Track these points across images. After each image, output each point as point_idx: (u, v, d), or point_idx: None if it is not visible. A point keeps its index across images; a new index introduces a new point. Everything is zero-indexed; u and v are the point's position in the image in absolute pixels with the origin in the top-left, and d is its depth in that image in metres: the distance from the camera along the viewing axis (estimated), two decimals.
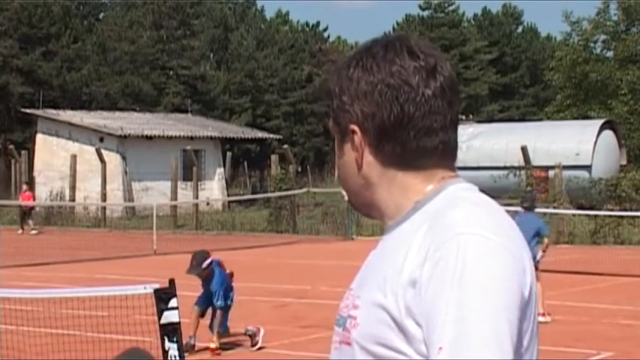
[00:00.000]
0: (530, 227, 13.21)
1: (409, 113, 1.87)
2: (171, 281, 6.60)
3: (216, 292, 11.93)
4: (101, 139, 40.97)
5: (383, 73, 1.89)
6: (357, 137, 1.90)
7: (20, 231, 33.96)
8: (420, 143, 1.88)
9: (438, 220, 1.81)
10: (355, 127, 1.91)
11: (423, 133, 1.88)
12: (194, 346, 11.58)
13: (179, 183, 38.54)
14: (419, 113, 1.87)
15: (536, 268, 13.87)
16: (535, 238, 13.57)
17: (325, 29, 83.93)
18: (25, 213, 34.75)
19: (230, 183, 47.52)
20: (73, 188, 39.21)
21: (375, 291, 1.82)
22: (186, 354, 11.25)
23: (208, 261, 12.21)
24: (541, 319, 14.14)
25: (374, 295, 1.82)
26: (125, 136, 41.07)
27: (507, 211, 1.95)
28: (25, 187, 36.39)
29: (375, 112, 1.88)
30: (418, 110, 1.87)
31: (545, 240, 14.02)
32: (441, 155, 1.91)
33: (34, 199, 35.47)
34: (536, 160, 31.39)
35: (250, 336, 12.04)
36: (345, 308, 1.92)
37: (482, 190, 1.96)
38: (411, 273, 1.77)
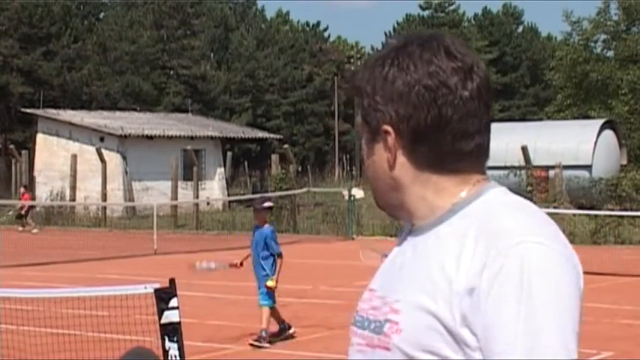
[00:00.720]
0: None
1: (446, 116, 1.83)
2: (172, 281, 6.59)
3: (273, 239, 12.24)
4: (101, 139, 40.96)
5: (420, 73, 1.84)
6: (391, 138, 1.86)
7: (21, 228, 34.00)
8: (455, 146, 1.85)
9: (490, 227, 1.78)
10: (389, 128, 1.86)
11: (459, 136, 1.85)
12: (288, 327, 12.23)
13: (179, 183, 38.54)
14: (456, 116, 1.83)
15: None
16: None
17: (325, 29, 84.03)
18: (22, 214, 34.80)
19: (230, 183, 47.52)
20: (73, 188, 39.20)
21: (422, 296, 1.78)
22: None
23: (269, 204, 12.58)
24: None
25: (420, 300, 1.78)
26: (125, 136, 41.07)
27: None
28: (22, 189, 36.44)
29: (411, 114, 1.84)
30: (456, 113, 1.83)
31: None
32: (476, 158, 1.88)
33: (32, 200, 35.55)
34: (537, 160, 31.37)
35: (261, 337, 12.08)
36: (372, 310, 1.89)
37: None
38: (467, 281, 1.74)
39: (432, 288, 1.77)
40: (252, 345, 11.99)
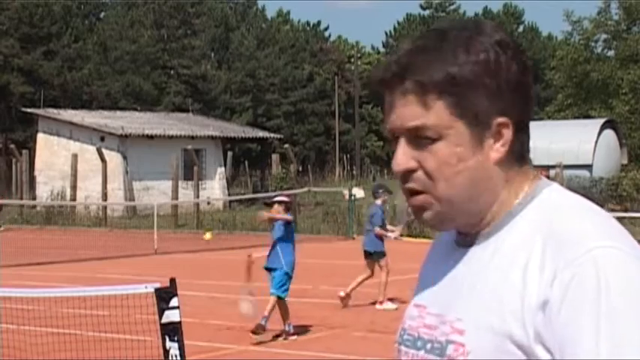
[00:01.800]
0: (374, 218, 15.00)
1: (533, 103, 1.78)
2: (172, 280, 6.59)
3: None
4: (102, 139, 40.97)
5: (524, 60, 1.75)
6: (508, 131, 1.71)
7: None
8: (529, 137, 1.79)
9: (557, 232, 1.65)
10: (507, 120, 1.71)
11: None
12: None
13: (180, 182, 38.54)
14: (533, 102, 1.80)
15: None
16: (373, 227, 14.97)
17: (326, 29, 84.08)
18: None
19: (231, 182, 47.52)
20: (73, 187, 39.21)
21: (489, 315, 1.65)
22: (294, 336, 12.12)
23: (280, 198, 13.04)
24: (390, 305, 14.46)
25: (488, 319, 1.65)
26: (126, 136, 41.07)
27: None
28: None
29: (524, 101, 1.73)
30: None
31: None
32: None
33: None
34: (537, 160, 31.31)
35: (286, 332, 12.37)
36: (426, 329, 1.76)
37: None
38: (538, 295, 1.61)
39: (499, 305, 1.65)
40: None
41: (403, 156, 1.72)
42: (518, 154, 1.74)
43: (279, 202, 12.80)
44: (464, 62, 1.68)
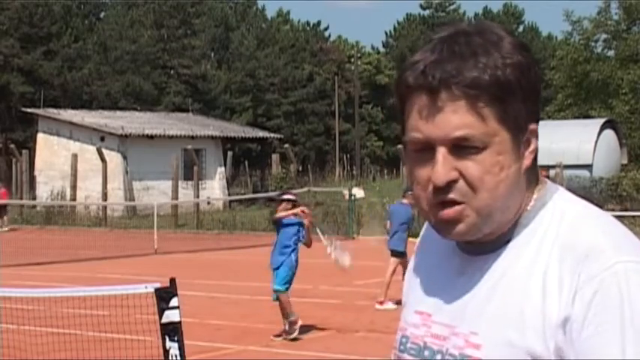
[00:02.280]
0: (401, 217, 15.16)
1: None
2: (172, 280, 6.59)
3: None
4: (102, 139, 40.98)
5: (537, 64, 1.69)
6: (536, 136, 1.67)
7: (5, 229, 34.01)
8: None
9: (574, 245, 1.61)
10: (536, 126, 1.67)
11: None
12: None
13: (180, 182, 38.55)
14: None
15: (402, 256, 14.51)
16: (403, 226, 15.13)
17: (326, 28, 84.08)
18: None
19: (231, 182, 47.51)
20: (74, 187, 39.21)
21: (509, 331, 1.61)
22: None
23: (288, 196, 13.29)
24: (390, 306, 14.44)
25: (508, 335, 1.61)
26: (126, 136, 41.08)
27: None
28: None
29: (538, 106, 1.69)
30: None
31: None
32: None
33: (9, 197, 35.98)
34: (537, 160, 31.32)
35: (290, 322, 12.32)
36: (435, 339, 1.71)
37: None
38: (559, 312, 1.57)
39: (518, 319, 1.61)
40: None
41: (444, 167, 1.62)
42: (531, 162, 1.70)
43: (287, 200, 12.90)
44: (502, 65, 1.62)
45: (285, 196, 13.18)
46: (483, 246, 1.69)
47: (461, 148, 1.61)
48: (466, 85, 1.60)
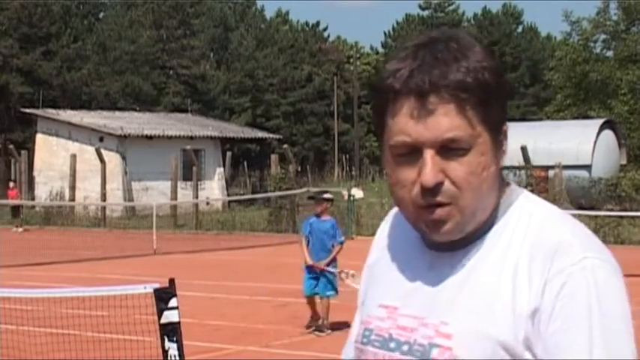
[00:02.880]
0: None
1: None
2: (171, 281, 6.59)
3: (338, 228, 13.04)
4: (101, 139, 40.97)
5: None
6: (506, 139, 1.73)
7: (14, 229, 34.06)
8: None
9: (543, 242, 1.67)
10: (506, 126, 1.74)
11: None
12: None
13: (179, 183, 38.53)
14: None
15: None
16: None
17: (325, 29, 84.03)
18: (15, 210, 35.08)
19: (230, 183, 47.52)
20: (72, 188, 39.20)
21: (480, 322, 1.66)
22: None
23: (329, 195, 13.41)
24: None
25: (479, 326, 1.66)
26: (125, 136, 41.07)
27: None
28: (12, 184, 36.75)
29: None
30: None
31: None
32: None
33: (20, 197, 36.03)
34: (536, 160, 31.36)
35: (325, 324, 12.62)
36: (401, 331, 1.75)
37: None
38: (529, 303, 1.64)
39: (489, 311, 1.66)
40: (315, 332, 12.60)
41: (433, 169, 1.66)
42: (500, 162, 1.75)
43: (328, 200, 13.21)
44: (481, 68, 1.68)
45: (327, 196, 13.39)
46: (454, 243, 1.73)
47: (448, 150, 1.66)
48: (455, 88, 1.64)
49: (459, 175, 1.66)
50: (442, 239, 1.72)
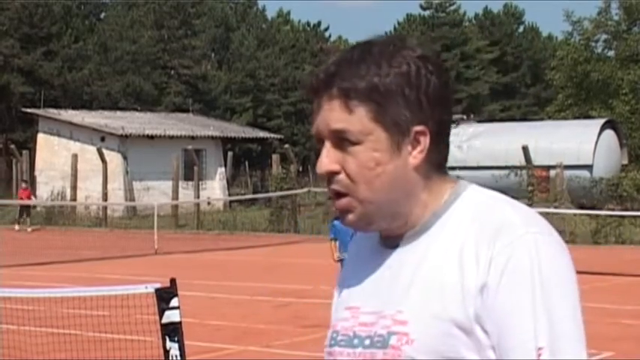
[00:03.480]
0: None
1: (452, 114, 1.89)
2: (173, 281, 6.59)
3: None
4: (102, 139, 40.98)
5: (446, 80, 1.85)
6: (425, 139, 1.81)
7: (17, 227, 34.05)
8: (448, 146, 1.89)
9: (489, 222, 1.77)
10: (424, 128, 1.80)
11: (450, 135, 1.89)
12: None
13: (180, 182, 38.54)
14: (455, 115, 1.89)
15: None
16: None
17: (326, 29, 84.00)
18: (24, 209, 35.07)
19: (231, 182, 47.52)
20: (74, 188, 39.20)
21: (431, 304, 1.75)
22: None
23: None
24: None
25: (431, 307, 1.75)
26: (126, 136, 41.08)
27: None
28: (24, 184, 36.75)
29: (443, 113, 1.83)
30: (454, 112, 1.89)
31: None
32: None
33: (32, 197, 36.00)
34: (538, 160, 31.35)
35: None
36: (362, 327, 1.84)
37: None
38: (477, 280, 1.73)
39: (439, 293, 1.75)
40: None
41: (326, 158, 1.82)
42: (437, 162, 1.84)
43: None
44: (386, 73, 1.79)
45: None
46: (401, 238, 1.85)
47: (342, 142, 1.80)
48: (341, 87, 1.79)
49: (351, 167, 1.79)
50: (351, 227, 1.85)
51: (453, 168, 27.27)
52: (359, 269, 1.93)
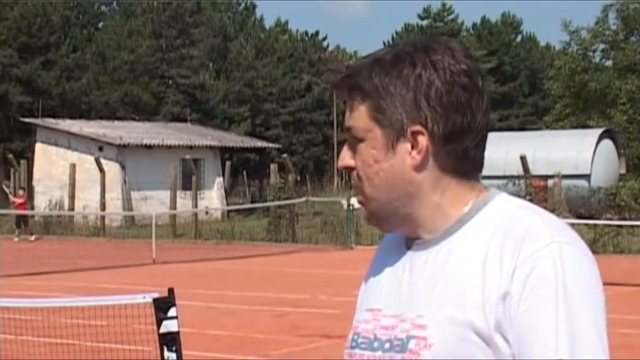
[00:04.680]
0: None
1: (476, 119, 1.83)
2: (171, 290, 6.59)
3: None
4: (100, 149, 40.98)
5: (465, 80, 1.82)
6: (424, 139, 1.80)
7: (16, 239, 34.01)
8: (476, 152, 1.85)
9: (515, 230, 1.76)
10: (421, 128, 1.81)
11: (481, 141, 1.85)
12: None
13: (178, 192, 38.53)
14: (483, 121, 1.84)
15: None
16: None
17: (324, 38, 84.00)
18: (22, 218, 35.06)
19: (229, 192, 47.50)
20: (72, 197, 39.20)
21: (451, 309, 1.75)
22: None
23: None
24: None
25: (450, 313, 1.75)
26: (124, 145, 41.08)
27: None
28: (21, 191, 36.76)
29: (453, 116, 1.81)
30: (483, 117, 1.84)
31: None
32: (482, 166, 1.89)
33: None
34: (536, 169, 31.38)
35: None
36: (383, 330, 1.84)
37: None
38: (499, 288, 1.72)
39: (460, 298, 1.75)
40: None
41: (345, 153, 1.89)
42: (449, 165, 1.83)
43: None
44: (386, 74, 1.83)
45: None
46: (427, 242, 1.85)
47: (353, 139, 1.86)
48: (349, 87, 1.86)
49: (358, 164, 1.87)
50: (369, 224, 1.91)
51: None
52: (383, 269, 1.93)
